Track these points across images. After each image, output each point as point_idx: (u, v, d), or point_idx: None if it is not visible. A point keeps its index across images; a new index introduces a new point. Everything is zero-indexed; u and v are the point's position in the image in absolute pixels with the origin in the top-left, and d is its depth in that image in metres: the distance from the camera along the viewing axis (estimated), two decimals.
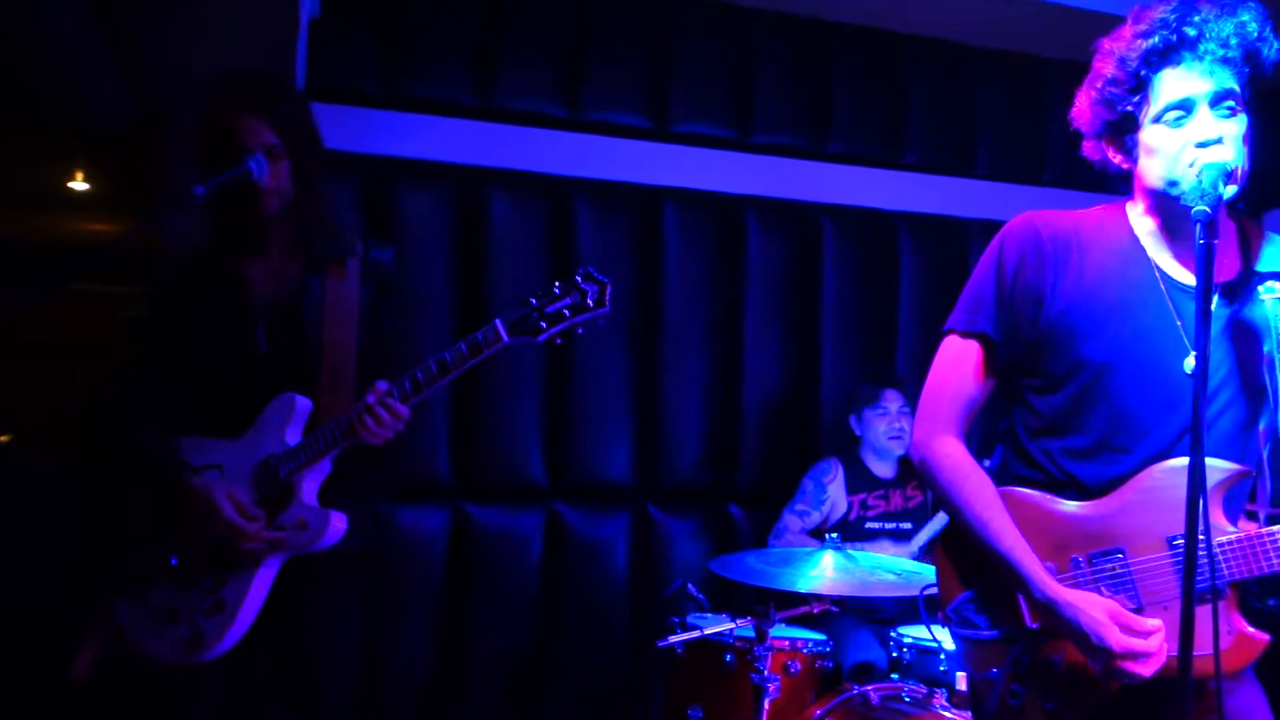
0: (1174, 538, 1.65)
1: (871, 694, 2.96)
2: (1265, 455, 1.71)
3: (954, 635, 1.84)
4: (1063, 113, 1.87)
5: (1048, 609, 1.67)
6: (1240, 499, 1.73)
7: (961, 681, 3.08)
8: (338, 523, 2.26)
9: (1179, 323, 1.72)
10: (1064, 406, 1.77)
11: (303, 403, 2.30)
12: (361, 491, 2.38)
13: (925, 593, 2.77)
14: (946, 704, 2.96)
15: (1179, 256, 1.76)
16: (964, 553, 1.83)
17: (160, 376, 2.41)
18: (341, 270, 2.36)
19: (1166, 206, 1.73)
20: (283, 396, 2.30)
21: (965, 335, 1.85)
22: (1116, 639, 1.60)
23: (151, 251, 2.90)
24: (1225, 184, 1.61)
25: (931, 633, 2.95)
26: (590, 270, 2.14)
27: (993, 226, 1.83)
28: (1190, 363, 1.69)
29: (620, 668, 3.91)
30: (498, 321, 2.16)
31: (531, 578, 3.88)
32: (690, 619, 3.16)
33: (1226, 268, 1.75)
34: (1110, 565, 1.69)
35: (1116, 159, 1.78)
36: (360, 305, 2.37)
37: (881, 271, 4.36)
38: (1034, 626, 1.72)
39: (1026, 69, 4.47)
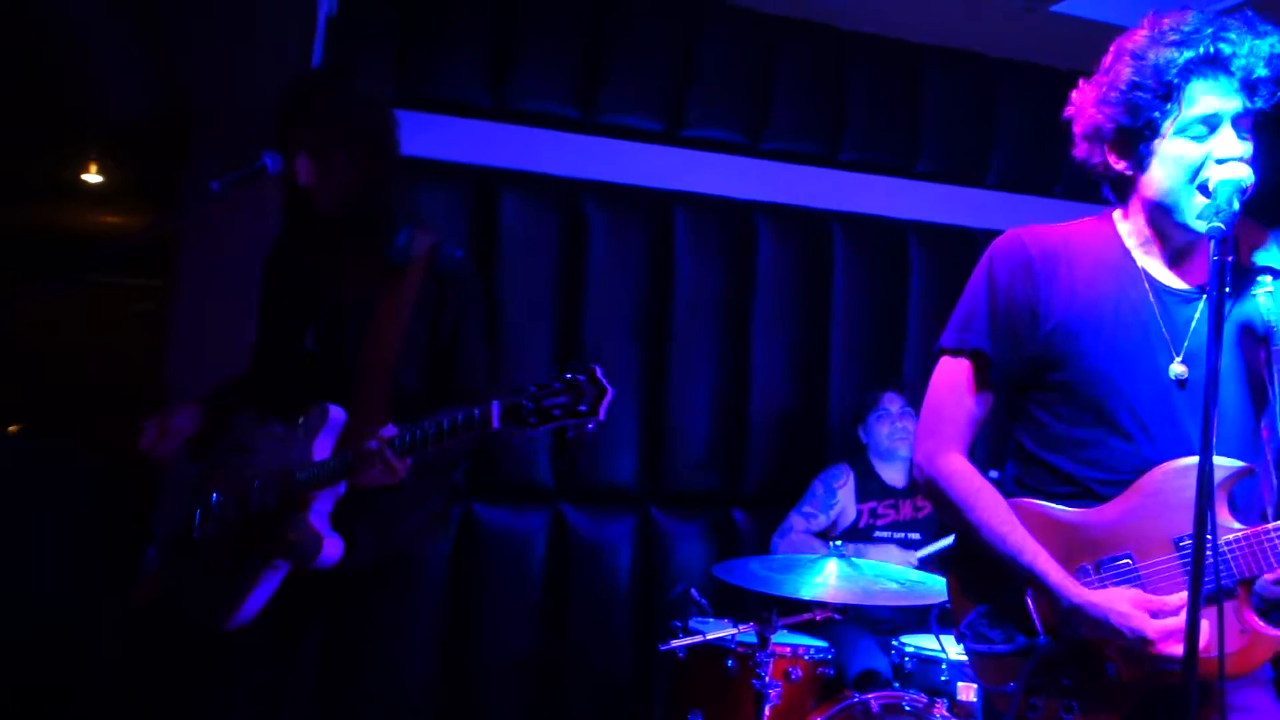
0: (1180, 539, 1.66)
1: (872, 702, 2.97)
2: (1271, 457, 1.71)
3: (968, 651, 1.84)
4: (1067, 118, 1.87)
5: (1078, 614, 1.67)
6: (1247, 497, 1.72)
7: (962, 691, 3.08)
8: (332, 549, 2.24)
9: (1164, 327, 1.73)
10: (1068, 417, 1.78)
11: (336, 414, 2.30)
12: (380, 506, 2.34)
13: (938, 606, 2.79)
14: (947, 713, 2.96)
15: (1168, 261, 1.78)
16: (975, 567, 1.83)
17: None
18: (401, 277, 2.34)
19: (1163, 216, 1.74)
20: (320, 406, 2.31)
21: (956, 354, 1.86)
22: (1151, 625, 1.61)
23: (170, 246, 2.94)
24: (1239, 200, 1.62)
25: (940, 642, 2.95)
26: (596, 372, 2.04)
27: None
28: (1176, 367, 1.71)
29: (623, 671, 3.92)
30: (494, 404, 2.10)
31: (535, 579, 3.89)
32: (693, 624, 3.17)
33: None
34: (1119, 570, 1.70)
35: (1119, 165, 1.76)
36: (420, 306, 2.34)
37: (891, 280, 4.36)
38: (1044, 640, 1.72)
39: (1042, 81, 4.46)
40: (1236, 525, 1.66)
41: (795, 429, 4.21)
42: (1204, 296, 1.73)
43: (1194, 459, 1.63)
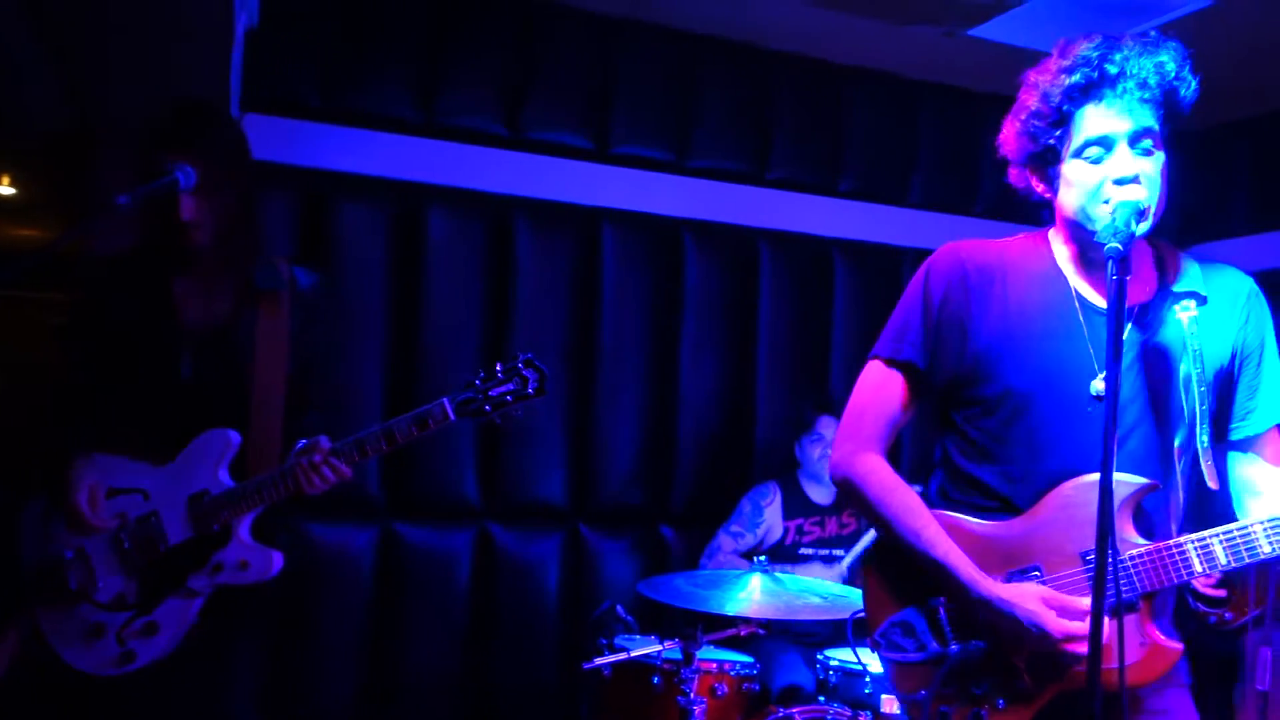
0: (1086, 553, 1.70)
1: (796, 716, 2.98)
2: (1179, 472, 1.74)
3: (882, 659, 1.87)
4: (996, 146, 1.92)
5: (986, 607, 1.71)
6: (1154, 514, 1.76)
7: (886, 704, 3.12)
8: (278, 561, 2.28)
9: (1090, 346, 1.77)
10: (993, 431, 1.81)
11: (235, 439, 2.29)
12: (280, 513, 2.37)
13: (854, 617, 2.82)
14: None
15: (1093, 282, 1.81)
16: (890, 574, 1.87)
17: (82, 385, 2.37)
18: (275, 303, 2.36)
19: (1082, 236, 1.78)
20: (216, 432, 2.29)
21: (890, 363, 1.90)
22: (1054, 623, 1.64)
23: (79, 259, 2.85)
24: (1138, 222, 1.66)
25: (857, 656, 2.98)
26: (532, 358, 2.26)
27: (925, 255, 1.87)
28: (1098, 384, 1.74)
29: (550, 689, 3.89)
30: (445, 401, 2.26)
31: (460, 598, 3.85)
32: (618, 641, 3.16)
33: (1142, 290, 1.80)
34: (1027, 583, 1.73)
35: (1039, 188, 1.83)
36: (289, 336, 2.38)
37: (817, 296, 4.42)
38: (955, 648, 1.75)
39: (961, 103, 4.58)
40: (1140, 541, 1.70)
41: (723, 445, 4.23)
42: (1131, 316, 1.78)
43: (1101, 476, 1.66)
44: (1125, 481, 1.69)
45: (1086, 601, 1.65)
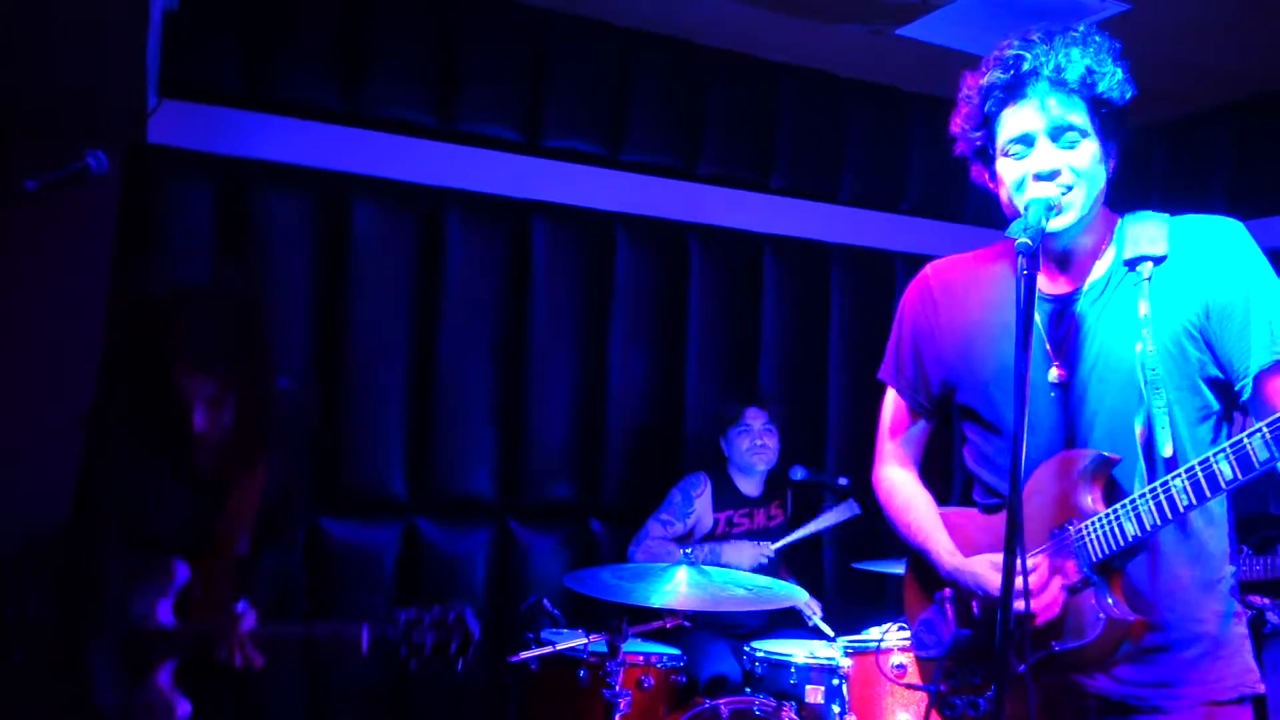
0: (1054, 529, 1.75)
1: (723, 708, 3.00)
2: (1140, 443, 1.71)
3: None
4: (924, 145, 1.95)
5: (950, 581, 1.85)
6: (1124, 486, 1.73)
7: (810, 694, 3.17)
8: (182, 711, 2.23)
9: (1045, 335, 1.81)
10: (980, 432, 1.91)
11: (182, 573, 2.26)
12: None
13: (779, 609, 2.87)
14: (795, 716, 3.03)
15: (1052, 269, 1.84)
16: (918, 579, 1.98)
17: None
18: (257, 468, 2.31)
19: None
20: (163, 560, 2.26)
21: (888, 384, 2.07)
22: (995, 582, 1.68)
23: None
24: (1049, 218, 1.69)
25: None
26: (465, 615, 2.19)
27: (854, 251, 1.89)
28: (1053, 371, 1.79)
29: (477, 684, 3.85)
30: (364, 629, 2.19)
31: (386, 593, 3.80)
32: (545, 635, 3.15)
33: (1099, 267, 1.81)
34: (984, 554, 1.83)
35: (991, 184, 1.86)
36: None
37: (746, 291, 4.44)
38: (950, 639, 1.83)
39: (891, 102, 4.64)
40: (1104, 510, 1.71)
41: (653, 439, 4.24)
42: (1082, 297, 1.80)
43: (1062, 454, 1.75)
44: (1084, 455, 1.72)
45: (1034, 563, 1.71)
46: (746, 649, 3.31)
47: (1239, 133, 4.55)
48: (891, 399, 2.06)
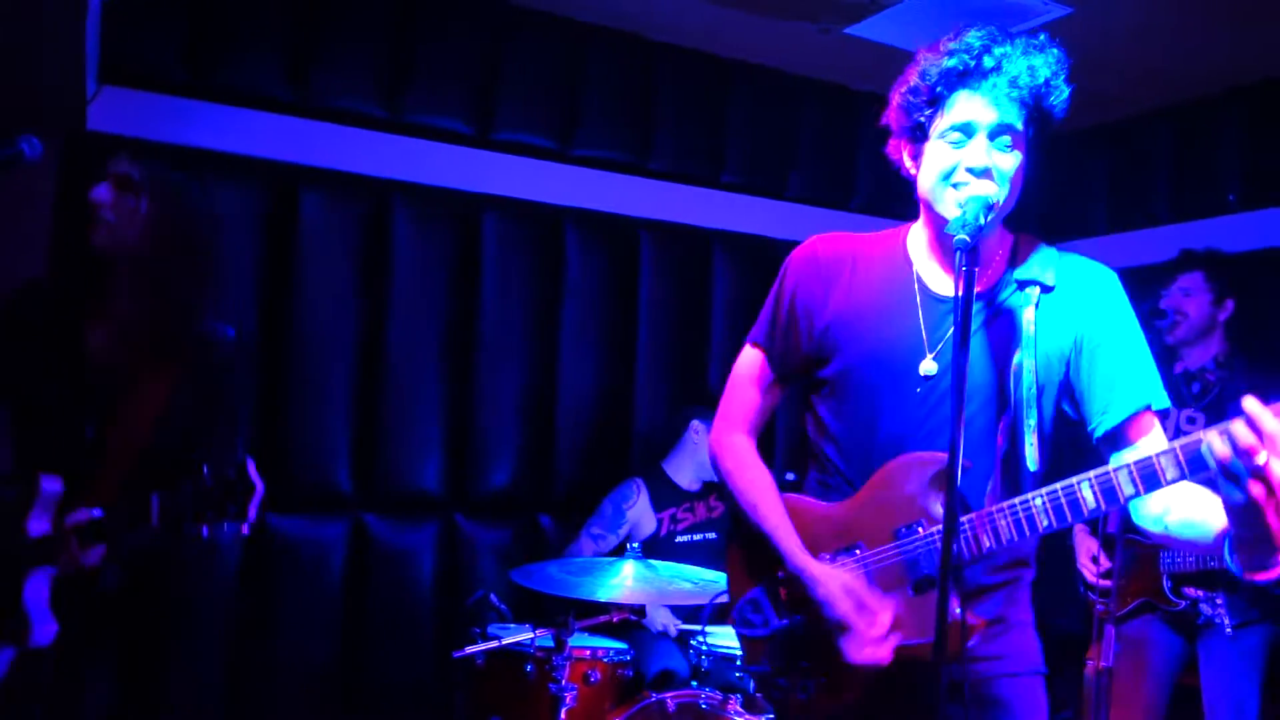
0: (898, 530, 1.75)
1: (669, 701, 3.01)
2: (998, 455, 1.76)
3: (737, 634, 1.92)
4: (873, 143, 1.96)
5: (797, 580, 1.77)
6: (968, 494, 1.75)
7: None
8: (41, 634, 2.14)
9: (923, 329, 1.82)
10: (834, 409, 1.88)
11: (50, 485, 2.17)
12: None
13: (715, 601, 2.88)
14: (740, 709, 3.04)
15: (944, 266, 1.86)
16: (746, 552, 1.92)
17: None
18: (171, 369, 2.26)
19: (935, 219, 1.84)
20: (35, 476, 2.18)
21: (754, 345, 2.00)
22: (841, 607, 1.69)
23: None
24: (986, 215, 1.72)
25: (704, 633, 3.15)
26: (247, 467, 2.17)
27: None
28: (926, 364, 1.80)
29: (425, 679, 3.84)
30: (154, 498, 2.13)
31: (334, 589, 3.77)
32: (492, 629, 3.14)
33: (989, 277, 1.84)
34: (849, 560, 1.78)
35: (908, 164, 1.87)
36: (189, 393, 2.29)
37: (696, 287, 4.47)
38: (783, 623, 1.81)
39: (840, 100, 4.69)
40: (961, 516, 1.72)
41: (602, 434, 4.25)
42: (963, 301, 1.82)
43: (916, 454, 1.75)
44: (935, 459, 1.73)
45: (883, 606, 1.69)
46: (693, 643, 3.33)
47: (1180, 135, 4.65)
48: (753, 361, 1.99)
